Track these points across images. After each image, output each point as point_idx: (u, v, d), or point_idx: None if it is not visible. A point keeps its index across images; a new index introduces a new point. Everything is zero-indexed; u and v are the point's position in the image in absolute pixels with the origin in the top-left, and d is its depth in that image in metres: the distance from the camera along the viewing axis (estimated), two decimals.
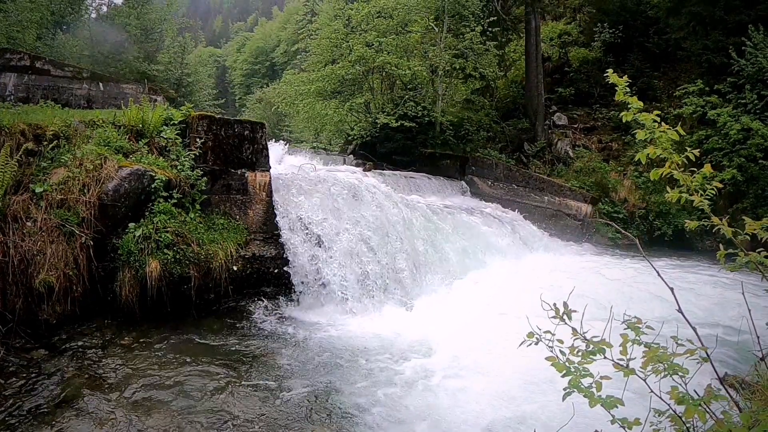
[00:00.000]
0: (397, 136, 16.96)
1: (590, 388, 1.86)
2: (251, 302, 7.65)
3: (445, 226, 10.48)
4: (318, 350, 6.48)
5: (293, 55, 58.36)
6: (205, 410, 4.94)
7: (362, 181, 10.58)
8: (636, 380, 1.93)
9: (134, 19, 26.26)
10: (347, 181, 9.94)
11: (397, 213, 9.67)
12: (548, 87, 20.36)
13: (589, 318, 2.16)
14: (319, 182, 9.53)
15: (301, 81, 20.55)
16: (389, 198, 10.07)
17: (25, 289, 5.99)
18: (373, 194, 9.77)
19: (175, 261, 6.83)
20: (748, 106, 14.33)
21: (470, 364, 6.10)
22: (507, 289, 8.62)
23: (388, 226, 9.19)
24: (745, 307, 2.46)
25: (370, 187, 10.10)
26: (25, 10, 21.16)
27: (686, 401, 1.75)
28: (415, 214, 10.15)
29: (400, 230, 9.31)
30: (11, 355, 5.64)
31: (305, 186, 9.20)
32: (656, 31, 19.63)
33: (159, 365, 5.77)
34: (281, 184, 8.90)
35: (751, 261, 2.11)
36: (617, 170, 16.40)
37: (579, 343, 2.01)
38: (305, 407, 5.12)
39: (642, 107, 2.64)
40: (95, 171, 6.73)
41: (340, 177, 10.30)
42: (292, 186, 9.06)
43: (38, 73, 14.77)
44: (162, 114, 8.11)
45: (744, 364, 5.64)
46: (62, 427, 4.56)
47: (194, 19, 62.24)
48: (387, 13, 18.40)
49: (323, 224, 8.50)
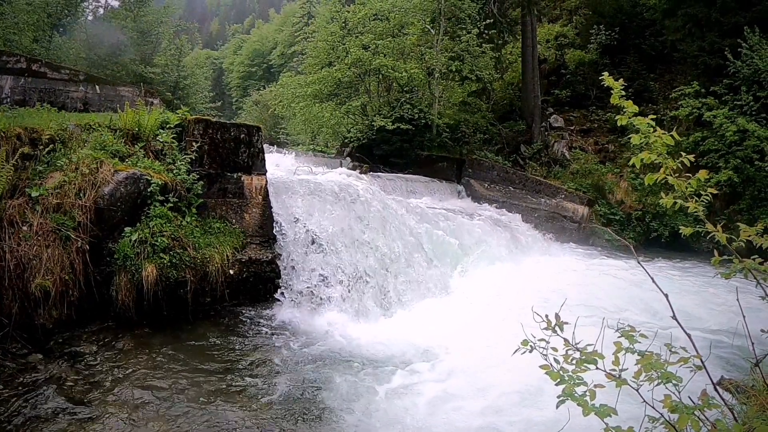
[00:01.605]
0: (393, 138, 16.97)
1: (584, 396, 1.86)
2: (248, 306, 7.63)
3: (441, 229, 10.47)
4: (313, 355, 6.47)
5: (290, 58, 58.42)
6: (201, 415, 4.93)
7: (359, 184, 10.57)
8: (632, 384, 1.93)
9: (131, 22, 26.21)
10: (344, 184, 9.93)
11: (393, 216, 9.67)
12: (545, 89, 20.42)
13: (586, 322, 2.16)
14: (316, 185, 9.53)
15: (298, 83, 20.57)
16: (386, 201, 10.07)
17: (21, 293, 5.96)
18: (370, 198, 9.77)
19: (172, 265, 6.81)
20: (744, 108, 14.39)
21: (463, 370, 6.08)
22: (504, 294, 8.62)
23: (384, 229, 9.19)
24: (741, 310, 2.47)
25: (366, 190, 10.09)
26: (22, 12, 21.09)
27: (679, 410, 1.75)
28: (412, 217, 10.14)
29: (397, 234, 9.31)
30: (7, 360, 5.61)
31: (302, 189, 9.19)
32: (652, 32, 19.72)
33: (155, 369, 5.75)
34: (278, 187, 8.90)
35: (745, 268, 2.11)
36: (614, 172, 16.45)
37: (573, 351, 2.01)
38: (296, 412, 5.13)
39: (637, 111, 2.65)
40: (91, 175, 6.70)
41: (336, 180, 10.29)
42: (288, 189, 9.05)
43: (35, 75, 14.73)
44: (158, 117, 8.08)
45: (741, 367, 5.66)
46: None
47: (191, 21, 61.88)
48: (383, 15, 18.44)
49: (320, 228, 8.49)
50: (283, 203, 8.67)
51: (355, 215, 9.13)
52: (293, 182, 9.42)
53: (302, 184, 9.41)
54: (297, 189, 9.14)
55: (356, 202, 9.47)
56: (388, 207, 9.87)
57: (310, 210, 8.75)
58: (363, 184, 10.77)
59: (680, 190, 2.45)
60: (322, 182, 9.77)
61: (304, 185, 9.40)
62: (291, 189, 9.08)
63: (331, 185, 9.63)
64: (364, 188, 10.14)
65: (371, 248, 8.72)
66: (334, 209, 9.01)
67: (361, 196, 9.64)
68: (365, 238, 8.78)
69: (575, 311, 2.32)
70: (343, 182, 10.14)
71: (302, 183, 9.51)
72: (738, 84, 14.94)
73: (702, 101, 15.40)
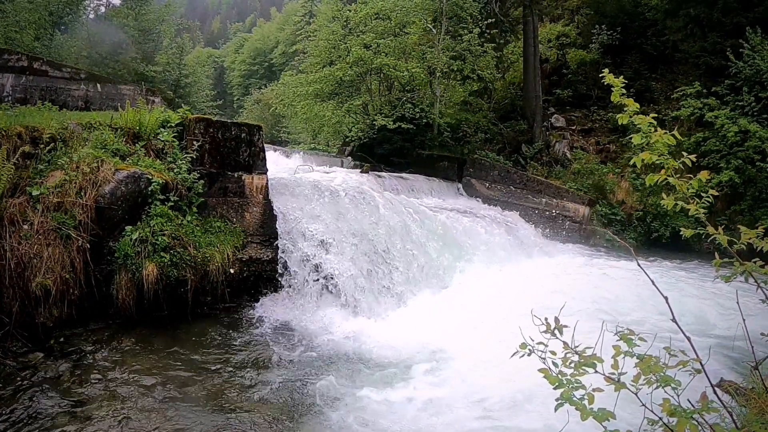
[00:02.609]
0: (394, 137, 16.96)
1: (582, 400, 1.85)
2: (248, 305, 7.64)
3: (441, 228, 10.45)
4: (311, 354, 6.47)
5: (291, 56, 58.29)
6: (201, 413, 4.95)
7: (360, 183, 10.58)
8: (630, 387, 1.93)
9: (132, 20, 26.24)
10: (345, 183, 9.93)
11: (393, 216, 9.66)
12: (546, 89, 20.39)
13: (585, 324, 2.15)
14: (317, 184, 9.53)
15: (299, 82, 20.53)
16: (386, 201, 10.06)
17: (22, 292, 5.97)
18: (371, 197, 9.76)
19: (172, 264, 6.81)
20: (746, 109, 14.36)
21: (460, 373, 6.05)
22: (504, 294, 8.59)
23: (384, 229, 9.18)
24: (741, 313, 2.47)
25: (367, 189, 10.09)
26: (23, 11, 21.11)
27: (678, 413, 1.75)
28: (412, 217, 10.11)
29: (397, 233, 9.29)
30: (8, 358, 5.63)
31: (302, 188, 9.19)
32: (654, 33, 19.68)
33: (156, 368, 5.76)
34: (278, 186, 8.89)
35: (746, 271, 2.10)
36: (615, 172, 16.42)
37: (572, 354, 2.00)
38: (289, 411, 5.17)
39: (638, 109, 2.63)
40: (92, 174, 6.71)
41: (337, 179, 10.31)
42: (289, 188, 9.05)
43: (36, 74, 14.71)
44: (159, 116, 8.10)
45: (741, 368, 5.64)
46: (60, 431, 4.55)
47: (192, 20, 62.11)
48: (385, 14, 18.41)
49: (321, 227, 8.49)
50: (283, 202, 8.66)
51: (355, 214, 9.12)
52: (293, 181, 9.42)
53: (302, 183, 9.41)
54: (296, 187, 9.14)
55: (357, 200, 9.47)
56: (388, 206, 9.85)
57: (311, 209, 8.75)
58: (364, 183, 10.78)
59: (681, 191, 2.44)
60: (322, 180, 9.78)
61: (304, 183, 9.40)
62: (291, 187, 9.08)
63: (333, 184, 9.63)
64: (364, 186, 10.14)
65: (371, 247, 8.71)
66: (336, 208, 9.01)
67: (361, 195, 9.64)
68: (365, 237, 8.76)
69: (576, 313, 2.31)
70: (345, 181, 10.13)
71: (302, 181, 9.51)
72: (740, 84, 14.90)
73: (703, 102, 15.36)
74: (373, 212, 9.40)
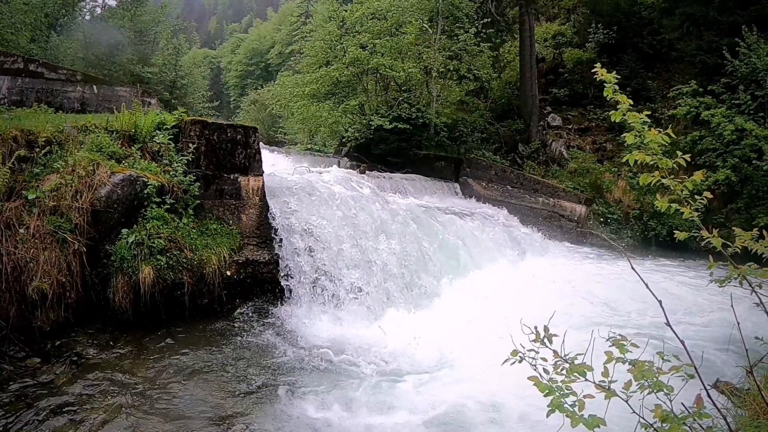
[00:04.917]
0: (391, 137, 16.93)
1: (573, 407, 1.85)
2: (245, 307, 7.62)
3: (438, 228, 10.43)
4: (307, 357, 6.45)
5: (288, 57, 58.19)
6: (199, 417, 4.94)
7: (357, 183, 10.57)
8: (621, 395, 1.92)
9: (128, 21, 26.22)
10: (342, 184, 9.92)
11: (391, 217, 9.65)
12: (542, 88, 20.43)
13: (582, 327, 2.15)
14: (313, 185, 9.52)
15: (296, 83, 20.50)
16: (383, 202, 10.06)
17: (19, 296, 5.96)
18: (368, 198, 9.76)
19: (168, 267, 6.81)
20: (742, 107, 14.41)
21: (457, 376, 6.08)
22: (503, 294, 8.58)
23: (382, 230, 9.17)
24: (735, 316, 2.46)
25: (364, 190, 10.08)
26: (19, 12, 21.02)
27: (670, 419, 1.75)
28: (409, 217, 10.10)
29: (394, 235, 9.28)
30: (5, 362, 5.62)
31: (299, 190, 9.18)
32: (650, 31, 19.73)
33: (153, 372, 5.76)
34: (275, 187, 8.88)
35: (740, 275, 2.10)
36: (611, 171, 16.45)
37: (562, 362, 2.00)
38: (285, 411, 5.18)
39: (631, 105, 2.61)
40: (88, 177, 6.70)
41: (334, 180, 10.29)
42: (285, 190, 9.04)
43: (32, 75, 14.67)
44: (155, 118, 8.08)
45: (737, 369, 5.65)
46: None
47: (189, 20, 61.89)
48: (381, 14, 18.39)
49: (318, 229, 8.48)
50: (280, 204, 8.66)
51: (353, 215, 9.11)
52: (290, 182, 9.41)
53: (299, 184, 9.40)
54: (294, 189, 9.12)
55: (354, 201, 9.46)
56: (385, 206, 9.85)
57: (307, 211, 8.74)
58: (361, 183, 10.77)
59: (676, 192, 2.44)
60: (319, 181, 9.76)
61: (301, 185, 9.39)
62: (288, 189, 9.07)
63: (329, 185, 9.61)
64: (361, 187, 10.13)
65: (367, 249, 8.69)
66: (332, 209, 8.99)
67: (358, 195, 9.63)
68: (363, 239, 8.75)
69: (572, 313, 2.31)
70: (342, 182, 10.12)
71: (299, 182, 9.49)
72: (736, 83, 14.95)
73: (700, 100, 15.41)
74: (371, 214, 9.39)
